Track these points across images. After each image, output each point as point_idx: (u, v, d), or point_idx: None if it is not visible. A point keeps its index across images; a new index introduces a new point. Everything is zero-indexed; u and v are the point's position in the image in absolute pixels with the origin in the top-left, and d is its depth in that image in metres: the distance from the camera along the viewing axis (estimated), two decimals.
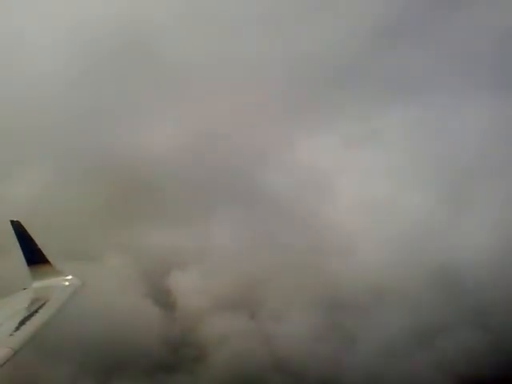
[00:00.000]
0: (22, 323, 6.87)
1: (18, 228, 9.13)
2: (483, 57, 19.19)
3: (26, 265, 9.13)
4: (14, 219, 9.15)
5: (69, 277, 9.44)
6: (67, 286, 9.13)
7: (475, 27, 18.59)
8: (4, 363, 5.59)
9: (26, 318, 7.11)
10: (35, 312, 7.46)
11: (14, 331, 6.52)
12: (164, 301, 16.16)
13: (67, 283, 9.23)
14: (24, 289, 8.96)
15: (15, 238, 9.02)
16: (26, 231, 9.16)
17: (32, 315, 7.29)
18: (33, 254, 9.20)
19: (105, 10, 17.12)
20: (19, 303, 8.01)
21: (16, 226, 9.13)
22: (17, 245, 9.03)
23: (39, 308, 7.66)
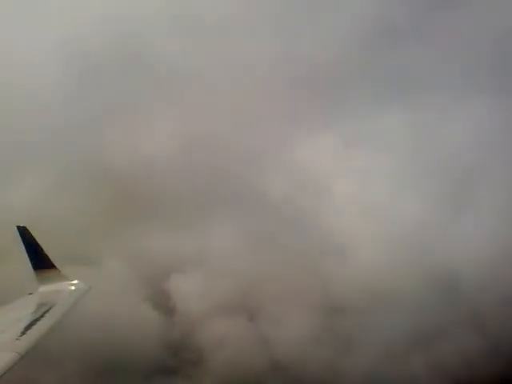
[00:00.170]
0: (29, 328, 6.87)
1: (24, 233, 9.19)
2: (484, 57, 18.90)
3: (32, 269, 9.18)
4: (20, 224, 9.22)
5: (75, 281, 9.46)
6: (73, 291, 9.15)
7: (475, 27, 18.36)
8: (10, 368, 5.60)
9: (33, 323, 7.11)
10: (41, 316, 7.47)
11: (21, 336, 6.52)
12: (163, 304, 16.09)
13: (73, 288, 9.25)
14: (30, 293, 9.00)
15: (18, 243, 9.08)
16: (32, 236, 9.22)
17: (38, 320, 7.29)
18: (39, 259, 9.24)
19: (98, 18, 17.10)
20: (25, 308, 8.02)
21: (22, 232, 9.19)
22: (21, 250, 9.08)
23: (45, 312, 7.67)
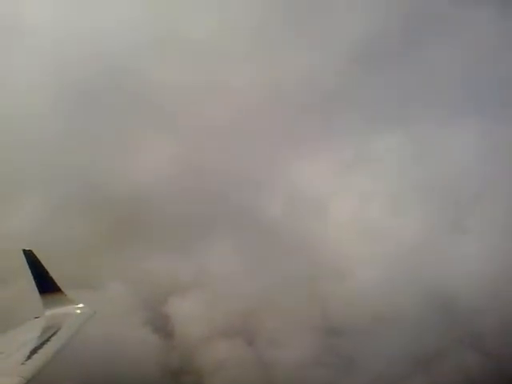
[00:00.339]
0: (34, 352, 6.82)
1: (31, 257, 9.22)
2: (483, 74, 19.28)
3: (38, 293, 9.17)
4: (25, 248, 9.27)
5: (80, 305, 9.43)
6: (79, 315, 9.11)
7: (472, 42, 18.86)
8: None
9: (38, 347, 7.06)
10: (47, 341, 7.41)
11: (26, 360, 6.47)
12: (163, 327, 15.97)
13: (79, 311, 9.21)
14: (36, 317, 8.96)
15: (22, 267, 9.10)
16: (38, 260, 9.24)
17: (44, 344, 7.23)
18: (45, 283, 9.22)
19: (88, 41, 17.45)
20: (31, 332, 7.97)
21: (28, 255, 9.23)
22: (26, 273, 9.10)
23: (51, 336, 7.62)
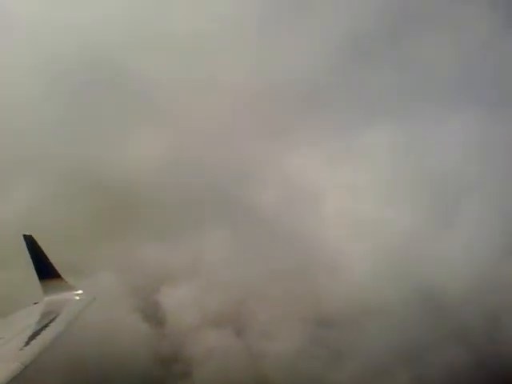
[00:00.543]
0: (33, 338, 6.86)
1: (31, 242, 9.21)
2: (471, 69, 19.24)
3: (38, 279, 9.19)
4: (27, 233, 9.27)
5: (80, 291, 9.46)
6: (78, 301, 9.15)
7: (461, 38, 18.90)
8: (14, 378, 5.58)
9: (37, 333, 7.10)
10: (46, 326, 7.46)
11: (25, 346, 6.51)
12: (153, 316, 15.97)
13: (78, 297, 9.25)
14: (35, 303, 9.00)
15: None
16: (38, 245, 9.22)
17: (42, 329, 7.28)
18: (45, 269, 9.23)
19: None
20: (30, 317, 8.01)
21: (28, 241, 9.21)
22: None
23: (50, 322, 7.66)
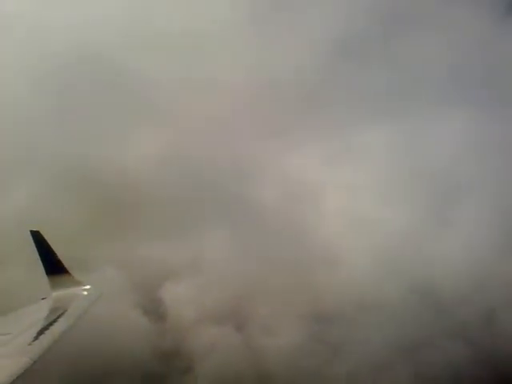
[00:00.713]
0: (41, 333, 6.88)
1: (38, 238, 9.21)
2: (468, 69, 19.30)
3: (46, 275, 9.21)
4: (34, 229, 9.26)
5: (87, 286, 9.47)
6: (86, 296, 9.16)
7: (456, 39, 18.99)
8: (22, 373, 5.59)
9: (45, 328, 7.12)
10: (54, 321, 7.47)
11: (33, 341, 6.53)
12: (155, 311, 15.97)
13: (86, 293, 9.27)
14: (43, 298, 9.02)
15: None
16: (46, 241, 9.21)
17: (51, 325, 7.29)
18: (52, 264, 9.24)
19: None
20: (38, 313, 8.03)
21: (36, 236, 9.22)
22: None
23: (58, 317, 7.67)
